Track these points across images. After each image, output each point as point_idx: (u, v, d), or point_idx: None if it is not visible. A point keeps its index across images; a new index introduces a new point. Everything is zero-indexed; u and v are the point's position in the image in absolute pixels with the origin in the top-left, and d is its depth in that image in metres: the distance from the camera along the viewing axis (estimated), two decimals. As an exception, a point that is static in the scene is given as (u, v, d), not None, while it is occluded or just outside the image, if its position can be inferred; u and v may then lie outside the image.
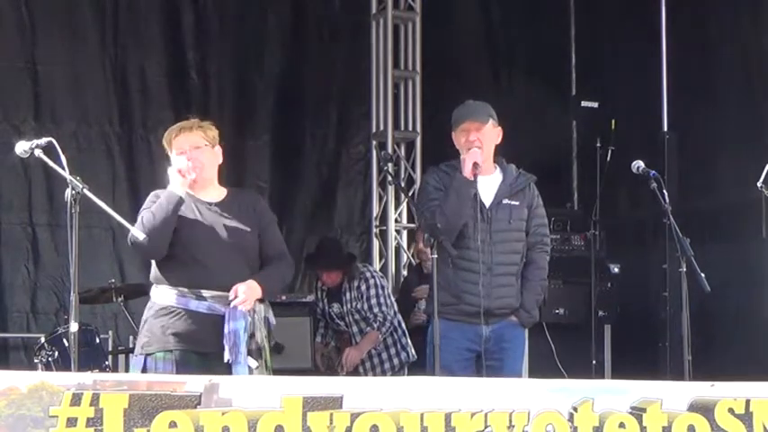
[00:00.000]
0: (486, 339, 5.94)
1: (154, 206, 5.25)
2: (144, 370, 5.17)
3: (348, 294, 7.96)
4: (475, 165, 5.91)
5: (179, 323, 5.18)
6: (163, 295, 5.24)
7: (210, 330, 5.16)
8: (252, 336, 5.22)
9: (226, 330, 5.14)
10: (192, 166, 5.34)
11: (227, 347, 5.13)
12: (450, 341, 5.83)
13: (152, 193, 5.40)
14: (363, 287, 7.91)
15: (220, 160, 5.51)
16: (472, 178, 5.91)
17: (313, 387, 4.45)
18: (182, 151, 5.38)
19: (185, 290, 5.20)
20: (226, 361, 5.13)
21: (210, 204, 5.36)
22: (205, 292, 5.19)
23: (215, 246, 5.22)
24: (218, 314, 5.18)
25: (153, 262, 5.30)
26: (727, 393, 4.82)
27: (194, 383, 4.34)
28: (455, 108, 6.16)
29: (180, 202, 5.24)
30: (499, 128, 6.12)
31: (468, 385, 4.73)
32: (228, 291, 5.20)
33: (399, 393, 4.52)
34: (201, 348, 5.18)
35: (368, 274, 8.00)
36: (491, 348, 5.95)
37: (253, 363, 5.18)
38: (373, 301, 7.88)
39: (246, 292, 5.20)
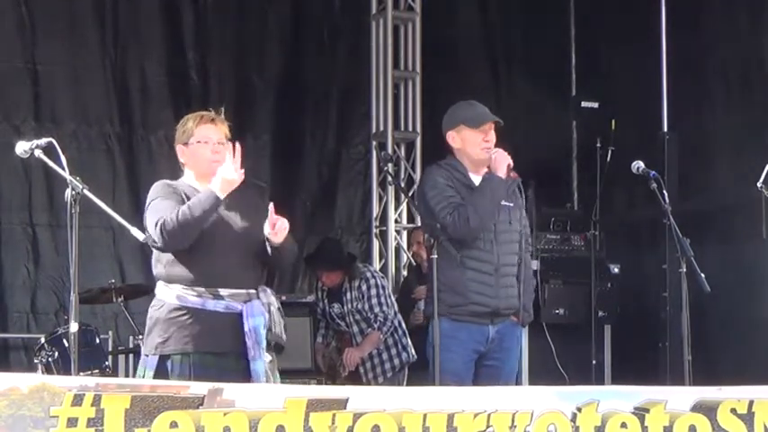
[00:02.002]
0: (491, 340, 5.95)
1: (192, 201, 5.10)
2: (160, 371, 5.10)
3: (349, 294, 7.96)
4: (509, 165, 5.92)
5: (197, 324, 5.11)
6: (177, 295, 5.15)
7: (228, 329, 5.11)
8: (269, 330, 5.19)
9: (246, 328, 5.10)
10: (217, 159, 5.24)
11: (249, 344, 5.09)
12: (458, 342, 5.84)
13: (160, 182, 5.29)
14: (364, 287, 7.91)
15: None
16: (506, 178, 5.91)
17: (318, 391, 4.45)
18: (206, 141, 5.27)
19: (202, 289, 5.13)
20: (246, 358, 5.09)
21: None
22: (222, 291, 5.14)
23: (229, 243, 5.17)
24: (236, 312, 5.14)
25: (162, 260, 5.22)
26: (733, 396, 4.82)
27: (198, 387, 4.33)
28: (458, 108, 6.14)
29: (218, 204, 5.12)
30: None
31: (478, 394, 4.72)
32: (243, 288, 5.16)
33: (405, 397, 4.52)
34: (219, 348, 5.13)
35: (368, 274, 8.00)
36: (493, 348, 5.96)
37: (267, 357, 5.15)
38: (374, 300, 7.88)
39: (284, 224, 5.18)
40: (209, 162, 5.29)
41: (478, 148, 5.97)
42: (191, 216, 5.06)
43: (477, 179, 5.98)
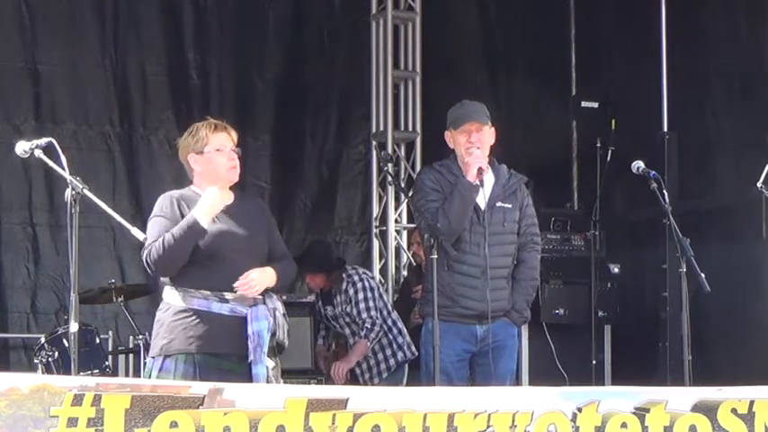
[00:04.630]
0: (480, 339, 5.95)
1: (175, 231, 5.13)
2: (164, 371, 5.14)
3: (338, 297, 7.94)
4: (480, 170, 5.91)
5: (201, 326, 5.15)
6: (182, 298, 5.20)
7: (232, 332, 5.15)
8: (272, 335, 5.22)
9: (249, 331, 5.14)
10: (235, 165, 5.31)
11: (251, 348, 5.12)
12: (446, 342, 5.85)
13: (165, 196, 5.32)
14: (351, 291, 7.87)
15: None
16: (477, 183, 5.90)
17: (319, 391, 4.45)
18: (221, 149, 5.30)
19: (207, 292, 5.18)
20: (249, 361, 5.12)
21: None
22: (227, 295, 5.18)
23: (233, 247, 5.21)
24: (240, 316, 5.17)
25: None
26: (733, 397, 4.82)
27: (199, 387, 4.33)
28: (451, 109, 6.15)
29: (202, 234, 5.15)
30: (493, 129, 6.13)
31: (478, 394, 4.72)
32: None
33: (405, 398, 4.52)
34: (222, 350, 5.17)
35: (356, 278, 7.93)
36: (485, 347, 5.96)
37: (270, 362, 5.18)
38: (362, 305, 7.83)
39: (258, 278, 5.19)
40: (228, 169, 5.32)
41: (463, 149, 5.99)
42: (174, 246, 5.11)
43: None
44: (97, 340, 7.62)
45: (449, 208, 5.87)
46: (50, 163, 5.12)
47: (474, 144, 5.97)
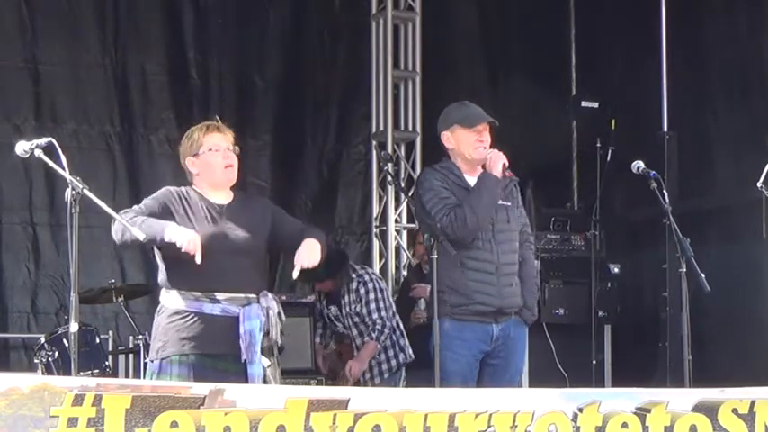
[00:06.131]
0: (495, 338, 5.95)
1: (151, 223, 5.10)
2: (161, 374, 5.15)
3: (347, 297, 7.91)
4: (504, 165, 5.92)
5: (193, 327, 5.16)
6: (175, 300, 5.22)
7: (225, 332, 5.15)
8: (266, 334, 5.22)
9: (241, 331, 5.14)
10: (230, 164, 5.30)
11: (243, 347, 5.13)
12: (462, 342, 5.84)
13: (166, 189, 5.33)
14: (362, 291, 7.85)
15: None
16: (501, 177, 5.92)
17: (319, 392, 4.45)
18: (218, 149, 5.30)
19: (199, 293, 5.18)
20: (242, 361, 5.12)
21: (220, 207, 5.34)
22: (219, 295, 5.19)
23: (226, 248, 5.20)
24: (233, 315, 5.18)
25: (162, 267, 5.26)
26: (734, 397, 4.82)
27: (199, 387, 4.33)
28: (451, 108, 6.14)
29: (158, 243, 5.13)
30: None
31: (479, 394, 4.72)
32: (241, 292, 5.20)
33: (406, 398, 4.52)
34: (216, 350, 5.17)
35: (366, 277, 7.91)
36: (498, 347, 5.96)
37: (266, 361, 5.18)
38: (372, 306, 7.81)
39: (308, 257, 5.20)
40: (223, 168, 5.32)
41: (472, 148, 5.98)
42: (135, 230, 5.03)
43: (471, 180, 5.97)
44: (97, 340, 7.62)
45: (476, 204, 5.85)
46: (50, 163, 5.11)
47: (483, 143, 5.98)
